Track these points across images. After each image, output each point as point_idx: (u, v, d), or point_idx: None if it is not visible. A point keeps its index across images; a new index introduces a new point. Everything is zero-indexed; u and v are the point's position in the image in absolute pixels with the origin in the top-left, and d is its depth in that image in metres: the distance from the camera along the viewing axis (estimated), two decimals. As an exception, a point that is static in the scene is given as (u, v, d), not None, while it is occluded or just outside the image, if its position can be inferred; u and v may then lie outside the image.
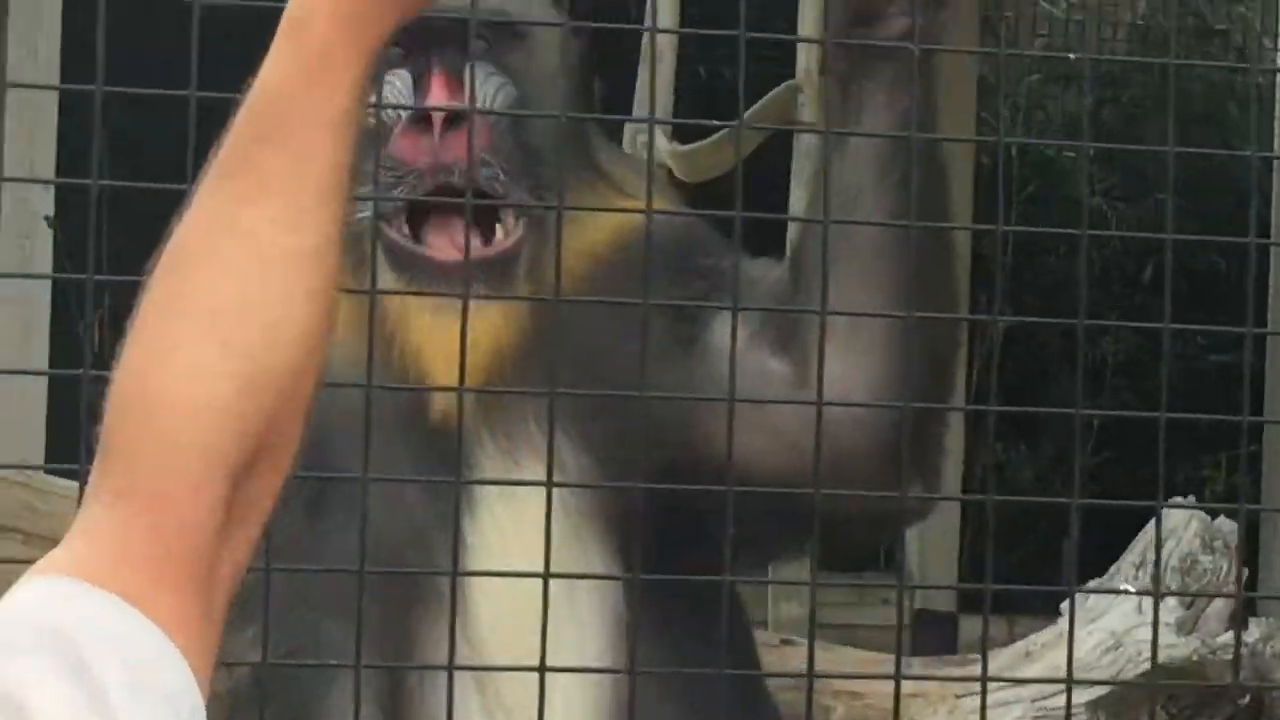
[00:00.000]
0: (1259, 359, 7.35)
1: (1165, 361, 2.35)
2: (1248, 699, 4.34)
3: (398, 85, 2.33)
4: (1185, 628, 4.36)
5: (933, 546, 7.21)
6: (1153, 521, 4.36)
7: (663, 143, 5.58)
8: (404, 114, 2.31)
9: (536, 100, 2.40)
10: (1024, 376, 8.45)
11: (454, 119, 2.25)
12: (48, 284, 6.78)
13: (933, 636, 6.66)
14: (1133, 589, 4.35)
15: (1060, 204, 8.97)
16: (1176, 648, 4.33)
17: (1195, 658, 4.31)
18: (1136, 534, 4.48)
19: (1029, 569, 7.33)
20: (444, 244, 2.30)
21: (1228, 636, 4.33)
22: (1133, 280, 8.72)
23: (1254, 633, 4.45)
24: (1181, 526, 4.42)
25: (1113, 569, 4.47)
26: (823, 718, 4.41)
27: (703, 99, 7.35)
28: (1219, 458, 8.36)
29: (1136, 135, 9.11)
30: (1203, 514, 4.42)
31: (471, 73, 2.25)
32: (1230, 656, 4.32)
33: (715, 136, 5.44)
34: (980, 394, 7.45)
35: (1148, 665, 4.29)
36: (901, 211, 2.24)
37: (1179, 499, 4.39)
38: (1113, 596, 4.33)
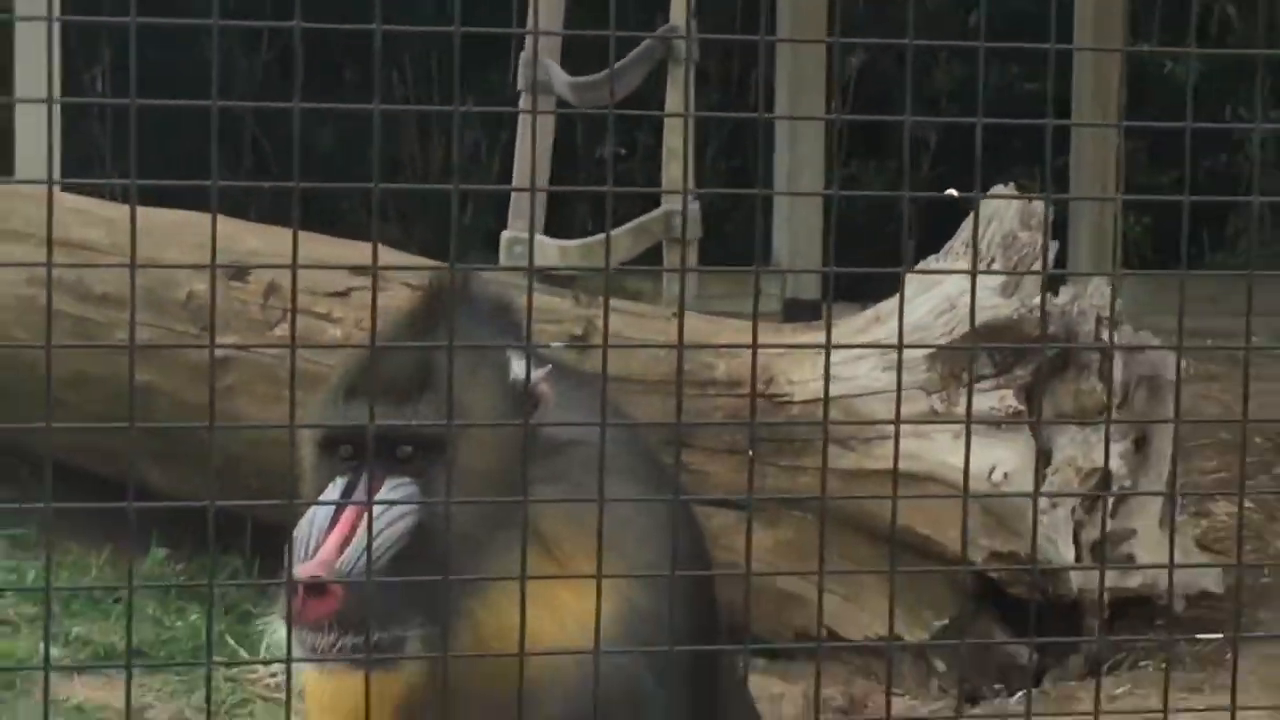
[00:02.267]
0: (1064, 86, 7.39)
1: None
2: (1055, 352, 4.43)
3: (313, 515, 2.09)
4: (1008, 291, 4.42)
5: (801, 242, 7.26)
6: (983, 208, 4.45)
7: (560, 75, 5.40)
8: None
9: (447, 510, 2.06)
10: (871, 102, 8.38)
11: (317, 589, 2.01)
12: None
13: (801, 318, 6.75)
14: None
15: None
16: (1000, 309, 4.37)
17: (1015, 316, 4.37)
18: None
19: (882, 262, 7.41)
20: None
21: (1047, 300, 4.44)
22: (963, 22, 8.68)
23: (1064, 296, 4.51)
24: (1004, 209, 4.48)
25: (946, 247, 4.54)
26: (707, 373, 4.51)
27: (590, 24, 6.75)
28: (1033, 169, 8.45)
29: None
30: (1025, 197, 4.50)
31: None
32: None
33: (605, 73, 5.12)
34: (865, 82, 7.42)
35: (979, 322, 4.39)
36: None
37: (1000, 187, 4.44)
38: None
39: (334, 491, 2.09)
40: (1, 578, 4.57)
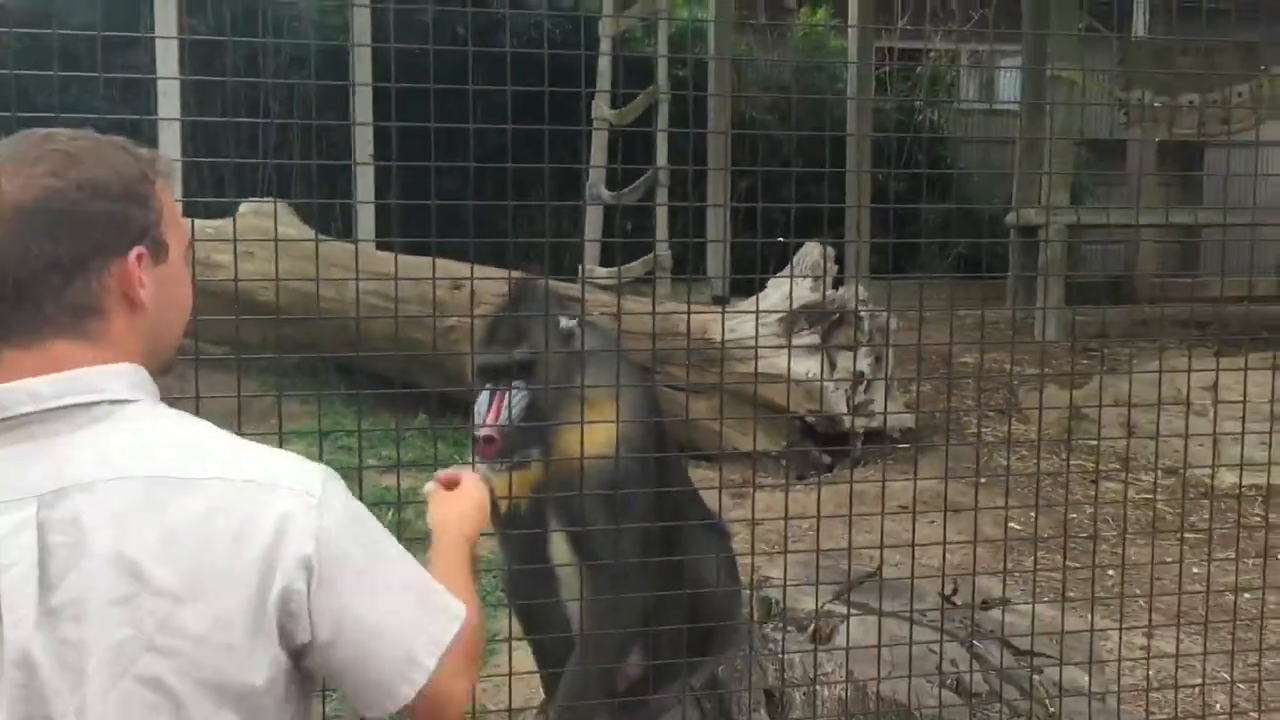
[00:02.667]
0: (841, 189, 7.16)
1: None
2: (837, 315, 4.50)
3: (480, 401, 1.97)
4: (815, 289, 4.47)
5: (721, 267, 7.18)
6: (802, 248, 4.50)
7: (604, 191, 5.26)
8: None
9: (545, 392, 1.98)
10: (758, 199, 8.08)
11: (488, 440, 1.92)
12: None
13: (721, 303, 6.63)
14: (786, 276, 4.39)
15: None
16: (811, 296, 4.43)
17: (819, 299, 4.44)
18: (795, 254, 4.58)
19: (765, 270, 7.30)
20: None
21: (830, 293, 4.51)
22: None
23: (842, 290, 4.52)
24: (813, 249, 4.49)
25: (786, 268, 4.57)
26: (676, 329, 4.53)
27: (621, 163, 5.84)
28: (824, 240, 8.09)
29: None
30: (820, 244, 4.53)
31: (510, 396, 1.97)
32: (830, 298, 4.49)
33: (625, 190, 5.12)
34: (749, 191, 7.23)
35: (798, 304, 4.44)
36: None
37: (815, 240, 4.50)
38: (790, 275, 4.36)
39: (487, 391, 2.06)
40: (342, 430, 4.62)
